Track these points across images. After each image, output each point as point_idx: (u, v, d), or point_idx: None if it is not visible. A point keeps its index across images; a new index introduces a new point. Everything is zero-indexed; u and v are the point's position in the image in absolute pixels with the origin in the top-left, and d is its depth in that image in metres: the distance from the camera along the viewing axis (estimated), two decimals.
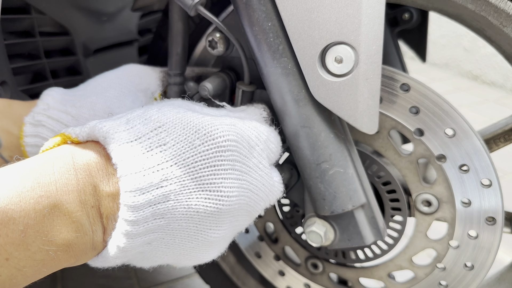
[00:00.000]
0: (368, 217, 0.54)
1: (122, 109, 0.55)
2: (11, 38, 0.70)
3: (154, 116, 0.43)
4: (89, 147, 0.41)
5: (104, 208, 0.39)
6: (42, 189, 0.36)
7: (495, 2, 0.50)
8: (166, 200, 0.40)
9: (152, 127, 0.42)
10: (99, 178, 0.39)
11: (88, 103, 0.54)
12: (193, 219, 0.42)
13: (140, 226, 0.39)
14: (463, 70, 2.74)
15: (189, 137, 0.42)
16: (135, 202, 0.38)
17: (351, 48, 0.45)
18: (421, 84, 0.53)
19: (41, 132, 0.53)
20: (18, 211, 0.34)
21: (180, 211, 0.41)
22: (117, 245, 0.39)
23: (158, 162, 0.40)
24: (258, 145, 0.47)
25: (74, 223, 0.37)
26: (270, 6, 0.46)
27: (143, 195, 0.39)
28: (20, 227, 0.34)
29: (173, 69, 0.59)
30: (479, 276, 0.57)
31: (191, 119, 0.43)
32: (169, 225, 0.42)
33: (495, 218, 0.54)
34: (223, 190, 0.43)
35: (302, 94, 0.48)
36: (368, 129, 0.48)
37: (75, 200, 0.37)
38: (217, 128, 0.43)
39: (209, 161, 0.42)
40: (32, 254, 0.35)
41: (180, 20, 0.56)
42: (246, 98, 0.56)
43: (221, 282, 0.82)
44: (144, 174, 0.39)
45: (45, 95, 0.56)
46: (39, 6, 0.70)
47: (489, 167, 0.53)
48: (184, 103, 0.48)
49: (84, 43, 0.79)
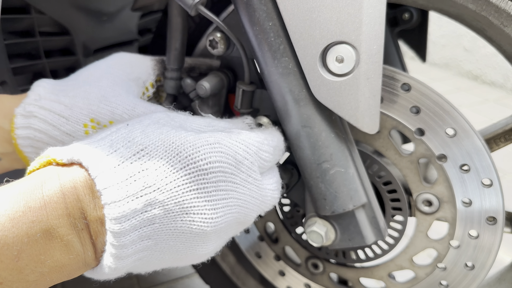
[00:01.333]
0: (369, 217, 0.54)
1: (117, 98, 0.54)
2: (11, 38, 0.69)
3: (137, 138, 0.42)
4: (74, 169, 0.40)
5: (93, 231, 0.39)
6: (34, 214, 0.36)
7: (496, 2, 0.50)
8: (152, 224, 0.41)
9: (134, 151, 0.41)
10: (86, 202, 0.39)
11: (82, 92, 0.53)
12: (179, 238, 0.43)
13: (127, 249, 0.40)
14: (463, 70, 2.74)
15: (170, 161, 0.42)
16: (120, 229, 0.39)
17: (352, 47, 0.45)
18: (421, 84, 0.53)
19: (32, 123, 0.52)
20: (11, 236, 0.34)
21: (166, 232, 0.42)
22: (108, 265, 0.40)
23: (140, 187, 0.40)
24: (246, 158, 0.46)
25: (66, 246, 0.38)
26: (271, 6, 0.46)
27: (128, 221, 0.39)
28: (14, 252, 0.34)
29: (170, 64, 0.58)
30: (479, 276, 0.57)
31: (173, 140, 0.43)
32: (157, 245, 0.42)
33: (496, 218, 0.54)
34: (207, 213, 0.43)
35: (303, 93, 0.48)
36: (369, 129, 0.48)
37: (65, 224, 0.37)
38: (198, 150, 0.43)
39: (191, 185, 0.42)
40: (25, 277, 0.36)
41: (179, 16, 0.56)
42: (246, 97, 0.56)
43: (221, 282, 0.82)
44: (128, 201, 0.39)
45: (36, 86, 0.55)
46: (39, 6, 0.70)
47: (490, 167, 0.53)
48: (169, 116, 0.48)
49: (84, 43, 0.79)
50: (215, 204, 0.44)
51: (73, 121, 0.52)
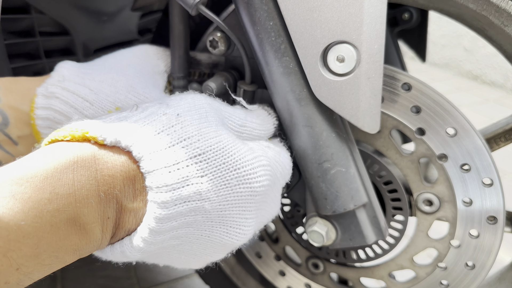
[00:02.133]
0: (370, 216, 0.54)
1: (145, 89, 0.53)
2: (11, 38, 0.69)
3: (195, 138, 0.41)
4: (115, 154, 0.38)
5: (122, 221, 0.38)
6: (60, 202, 0.34)
7: (496, 1, 0.50)
8: (187, 227, 0.41)
9: (192, 154, 0.40)
10: (124, 193, 0.37)
11: (109, 79, 0.51)
12: (205, 245, 0.44)
13: (156, 245, 0.40)
14: (463, 70, 2.74)
15: (227, 175, 0.42)
16: (158, 226, 0.38)
17: (353, 47, 0.45)
18: (422, 84, 0.53)
19: (53, 104, 0.50)
20: (34, 226, 0.33)
21: (196, 237, 0.42)
22: (125, 252, 0.39)
23: (191, 194, 0.39)
24: (280, 181, 0.49)
25: (87, 233, 0.36)
26: (271, 5, 0.46)
27: (169, 222, 0.39)
28: (34, 240, 0.33)
29: (176, 72, 0.58)
30: (480, 276, 0.57)
31: (232, 152, 0.43)
32: (181, 245, 0.43)
33: (496, 218, 0.54)
34: (243, 228, 0.44)
35: (303, 93, 0.48)
36: (370, 129, 0.48)
37: (92, 213, 0.36)
38: (255, 172, 0.43)
39: (240, 203, 0.43)
40: (41, 261, 0.35)
41: (181, 22, 0.56)
42: (247, 97, 0.56)
43: (221, 283, 0.82)
44: (176, 204, 0.38)
45: (60, 67, 0.53)
46: (39, 6, 0.70)
47: (490, 167, 0.53)
48: (208, 103, 0.46)
49: (84, 43, 0.79)
50: (251, 221, 0.45)
51: (97, 107, 0.50)
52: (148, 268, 1.10)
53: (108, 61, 0.56)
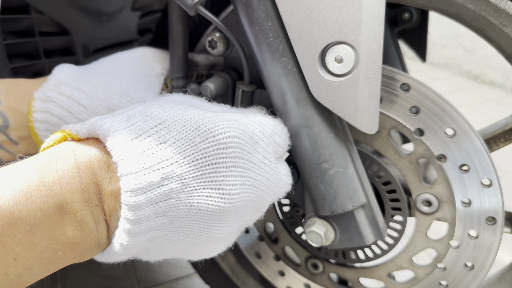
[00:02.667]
0: (369, 217, 0.54)
1: (138, 93, 0.54)
2: (11, 38, 0.69)
3: (155, 113, 0.42)
4: (90, 144, 0.40)
5: (107, 207, 0.39)
6: (47, 188, 0.36)
7: (495, 1, 0.50)
8: (168, 198, 0.40)
9: (152, 124, 0.41)
10: (101, 176, 0.39)
11: (103, 83, 0.53)
12: (195, 216, 0.42)
13: (142, 225, 0.39)
14: (463, 70, 2.74)
15: (189, 134, 0.41)
16: (136, 202, 0.38)
17: (351, 47, 0.45)
18: (421, 84, 0.53)
19: (50, 108, 0.51)
20: (25, 211, 0.34)
21: (182, 209, 0.41)
22: (120, 242, 0.39)
23: (158, 160, 0.39)
24: (262, 139, 0.46)
25: (79, 222, 0.37)
26: (270, 6, 0.46)
27: (144, 194, 0.38)
28: (27, 227, 0.34)
29: (175, 72, 0.58)
30: (479, 276, 0.57)
31: (191, 116, 0.43)
32: (172, 223, 0.42)
33: (496, 218, 0.54)
34: (225, 188, 0.42)
35: (302, 94, 0.48)
36: (368, 129, 0.48)
37: (79, 199, 0.37)
38: (218, 124, 0.42)
39: (210, 159, 0.42)
40: (39, 253, 0.35)
41: (180, 23, 0.56)
42: (246, 98, 0.56)
43: (221, 282, 0.82)
44: (145, 173, 0.39)
45: (57, 70, 0.54)
46: (39, 6, 0.70)
47: (489, 167, 0.53)
48: (186, 98, 0.48)
49: (84, 43, 0.79)
50: (233, 180, 0.43)
51: (91, 111, 0.52)
52: (148, 268, 1.10)
53: (104, 64, 0.57)
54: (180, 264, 1.11)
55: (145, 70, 0.57)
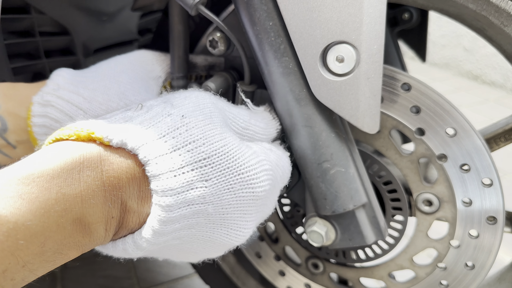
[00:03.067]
0: (369, 216, 0.54)
1: (136, 96, 0.53)
2: (11, 38, 0.69)
3: (200, 142, 0.41)
4: (121, 156, 0.38)
5: (125, 221, 0.39)
6: (67, 202, 0.34)
7: (496, 1, 0.50)
8: (189, 229, 0.41)
9: (197, 158, 0.40)
10: (128, 194, 0.38)
11: (102, 87, 0.52)
12: (205, 244, 0.45)
13: (158, 245, 0.41)
14: (463, 70, 2.74)
15: (231, 179, 0.42)
16: (160, 229, 0.39)
17: (352, 47, 0.45)
18: (422, 84, 0.53)
19: (49, 112, 0.51)
20: (41, 226, 0.33)
21: (197, 237, 0.43)
22: (132, 249, 0.40)
23: (195, 198, 0.40)
24: (279, 185, 0.49)
25: (91, 232, 0.37)
26: (271, 5, 0.46)
27: (171, 225, 0.39)
28: (41, 239, 0.33)
29: (176, 72, 0.58)
30: (479, 276, 0.57)
31: (236, 156, 0.43)
32: (182, 244, 0.44)
33: (496, 218, 0.54)
34: (243, 231, 0.45)
35: (303, 93, 0.48)
36: (369, 129, 0.48)
37: (98, 213, 0.36)
38: (258, 177, 0.44)
39: (242, 206, 0.44)
40: (46, 258, 0.35)
41: (181, 23, 0.56)
42: (247, 97, 0.56)
43: (221, 283, 0.82)
44: (180, 207, 0.39)
45: (55, 75, 0.54)
46: (39, 6, 0.70)
47: (490, 167, 0.53)
48: (213, 102, 0.46)
49: (84, 43, 0.79)
50: (251, 223, 0.46)
51: (91, 115, 0.52)
52: (148, 268, 1.10)
53: (102, 67, 0.57)
54: (180, 264, 1.11)
55: (144, 73, 0.57)
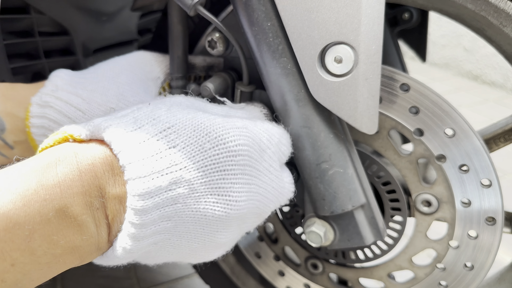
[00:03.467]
0: (368, 217, 0.54)
1: (135, 97, 0.53)
2: (11, 38, 0.69)
3: (163, 116, 0.42)
4: (93, 146, 0.39)
5: (110, 210, 0.38)
6: (46, 192, 0.35)
7: (495, 2, 0.50)
8: (174, 203, 0.40)
9: (161, 128, 0.41)
10: (105, 179, 0.38)
11: (100, 87, 0.52)
12: (200, 222, 0.42)
13: (146, 229, 0.39)
14: (463, 70, 2.74)
15: (199, 140, 0.41)
16: (143, 206, 0.37)
17: (350, 48, 0.45)
18: (421, 84, 0.53)
19: (48, 113, 0.51)
20: (23, 215, 0.33)
21: (188, 214, 0.41)
22: (123, 247, 0.39)
23: (167, 165, 0.39)
24: (269, 148, 0.46)
25: (80, 226, 0.36)
26: (269, 6, 0.46)
27: (151, 199, 0.38)
28: (25, 232, 0.33)
29: (175, 73, 0.58)
30: (479, 276, 0.57)
31: (201, 121, 0.42)
32: (176, 228, 0.41)
33: (495, 218, 0.54)
34: (232, 195, 0.43)
35: (301, 94, 0.48)
36: (368, 129, 0.48)
37: (80, 202, 0.36)
38: (228, 131, 0.42)
39: (219, 165, 0.42)
40: (38, 258, 0.35)
41: (180, 23, 0.56)
42: (245, 98, 0.56)
43: (221, 283, 0.82)
44: (153, 178, 0.38)
45: (54, 76, 0.54)
46: (39, 6, 0.70)
47: (489, 167, 0.53)
48: (189, 100, 0.47)
49: (83, 43, 0.79)
50: (240, 187, 0.43)
51: (89, 116, 0.52)
52: (148, 268, 1.10)
53: (101, 69, 0.57)
54: (180, 264, 1.11)
55: (142, 74, 0.57)
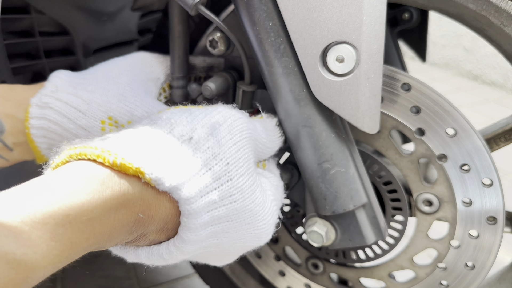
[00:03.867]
0: (369, 217, 0.54)
1: (135, 97, 0.53)
2: (11, 38, 0.69)
3: (236, 196, 0.43)
4: (161, 200, 0.38)
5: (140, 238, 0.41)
6: (95, 239, 0.34)
7: (496, 1, 0.50)
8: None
9: (229, 211, 0.43)
10: (152, 229, 0.39)
11: (101, 88, 0.52)
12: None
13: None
14: (463, 70, 2.74)
15: (246, 233, 0.47)
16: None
17: (352, 47, 0.45)
18: (422, 84, 0.53)
19: (47, 114, 0.51)
20: (66, 262, 0.33)
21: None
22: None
23: (216, 232, 0.44)
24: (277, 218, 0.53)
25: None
26: (271, 6, 0.46)
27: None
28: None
29: (175, 73, 0.58)
30: (480, 276, 0.57)
31: (258, 212, 0.47)
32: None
33: (496, 218, 0.54)
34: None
35: (303, 93, 0.48)
36: (369, 129, 0.48)
37: (115, 242, 0.37)
38: (268, 229, 0.50)
39: (243, 249, 0.52)
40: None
41: (180, 23, 0.56)
42: (246, 98, 0.56)
43: (221, 283, 0.82)
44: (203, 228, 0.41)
45: (53, 77, 0.54)
46: (39, 6, 0.70)
47: (490, 167, 0.53)
48: (250, 137, 0.47)
49: (84, 43, 0.79)
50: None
51: (90, 116, 0.51)
52: (148, 268, 1.10)
53: (100, 69, 0.56)
54: (180, 264, 1.11)
55: (142, 75, 0.57)
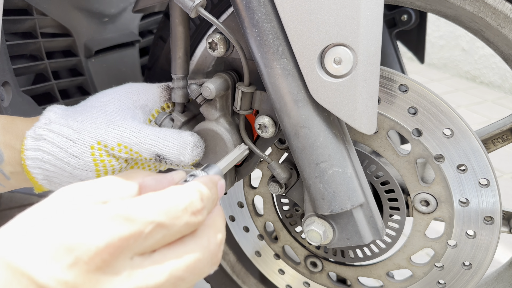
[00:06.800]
0: (367, 216, 0.55)
1: (123, 121, 0.56)
2: (13, 39, 0.70)
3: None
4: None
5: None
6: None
7: (493, 3, 0.51)
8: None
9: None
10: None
11: (90, 117, 0.56)
12: None
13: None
14: (461, 70, 2.75)
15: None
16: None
17: (349, 49, 0.45)
18: (419, 85, 0.53)
19: (41, 145, 0.54)
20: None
21: None
22: None
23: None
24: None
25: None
26: (269, 8, 0.46)
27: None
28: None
29: (176, 73, 0.59)
30: (477, 275, 0.58)
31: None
32: None
33: (493, 218, 0.54)
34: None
35: (301, 95, 0.49)
36: (367, 130, 0.48)
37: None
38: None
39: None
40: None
41: (181, 24, 0.57)
42: (246, 99, 0.56)
43: (222, 281, 0.82)
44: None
45: (47, 111, 0.58)
46: (41, 7, 0.71)
47: (487, 167, 0.53)
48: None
49: (85, 44, 0.80)
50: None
51: (80, 144, 0.54)
52: None
53: (90, 101, 0.60)
54: None
55: (130, 102, 0.60)
